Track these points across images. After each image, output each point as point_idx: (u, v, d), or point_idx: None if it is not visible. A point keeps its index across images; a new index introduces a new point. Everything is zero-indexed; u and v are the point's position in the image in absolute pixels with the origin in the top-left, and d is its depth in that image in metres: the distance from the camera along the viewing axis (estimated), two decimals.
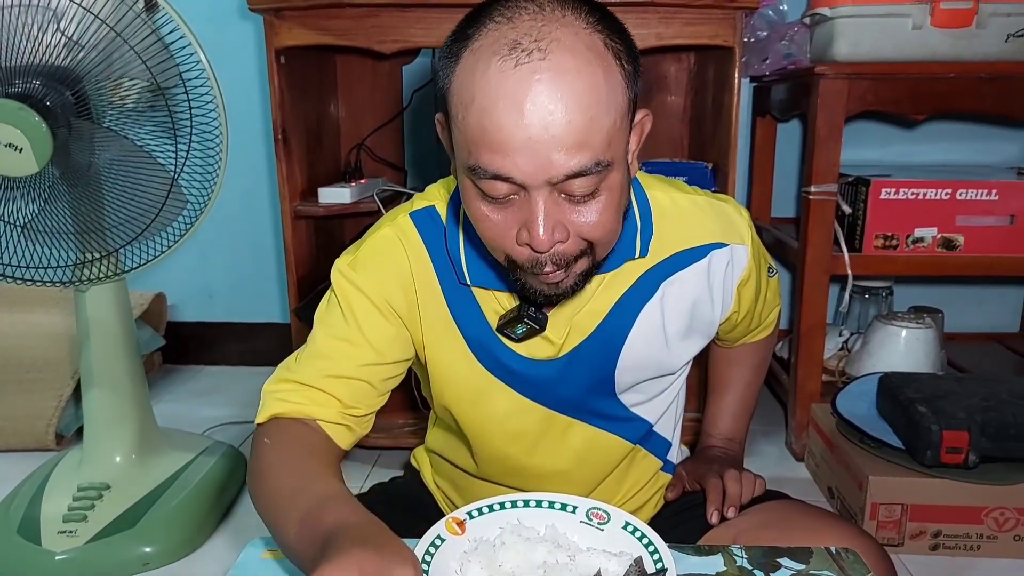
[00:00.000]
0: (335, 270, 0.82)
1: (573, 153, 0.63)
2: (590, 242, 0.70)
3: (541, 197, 0.65)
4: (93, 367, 1.44)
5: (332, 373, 0.79)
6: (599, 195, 0.67)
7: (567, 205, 0.67)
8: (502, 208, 0.68)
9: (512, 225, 0.68)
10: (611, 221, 0.69)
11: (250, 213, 2.26)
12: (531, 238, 0.66)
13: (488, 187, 0.66)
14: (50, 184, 1.22)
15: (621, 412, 0.89)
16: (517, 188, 0.65)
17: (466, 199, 0.70)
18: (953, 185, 1.60)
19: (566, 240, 0.68)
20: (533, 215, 0.65)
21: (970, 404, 1.36)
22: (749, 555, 0.75)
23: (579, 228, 0.68)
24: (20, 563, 1.33)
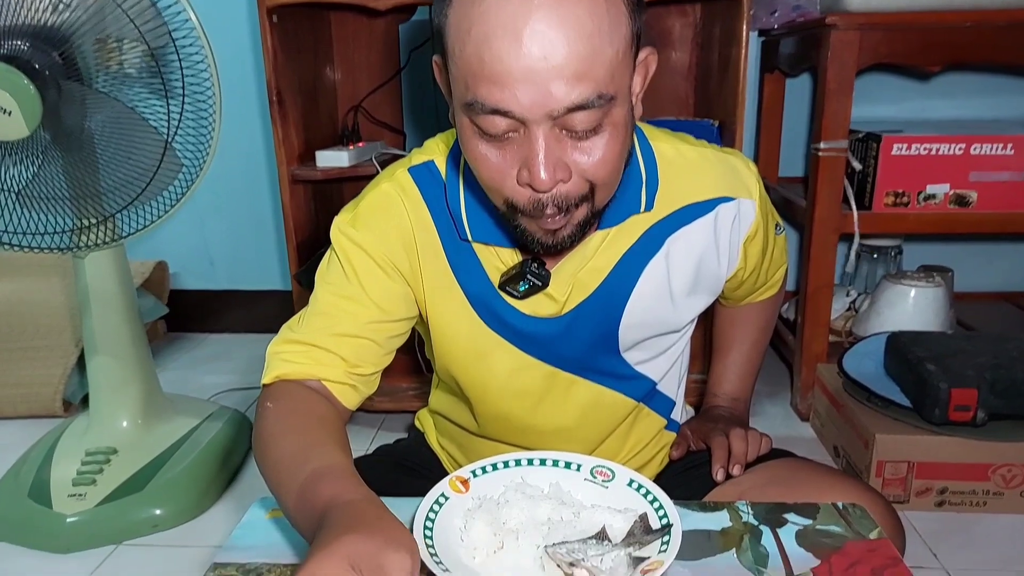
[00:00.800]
0: (335, 228, 0.81)
1: (574, 84, 0.60)
2: (592, 185, 0.67)
3: (542, 133, 0.62)
4: (95, 334, 1.44)
5: (336, 332, 0.78)
6: (602, 131, 0.64)
7: (569, 142, 0.64)
8: (501, 147, 0.65)
9: (512, 164, 0.65)
10: (615, 159, 0.67)
11: (248, 179, 2.24)
12: (531, 177, 0.64)
13: (486, 123, 0.63)
14: (43, 148, 1.21)
15: (625, 370, 0.88)
16: (517, 124, 0.63)
17: (464, 140, 0.68)
18: (967, 139, 1.56)
19: (568, 180, 0.65)
20: (533, 152, 0.63)
21: (979, 362, 1.35)
22: (755, 511, 0.74)
23: (582, 167, 0.65)
24: (32, 526, 1.35)
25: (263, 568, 0.67)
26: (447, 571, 0.62)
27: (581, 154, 0.65)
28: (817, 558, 0.67)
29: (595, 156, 0.65)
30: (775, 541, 0.70)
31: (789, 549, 0.68)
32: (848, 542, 0.70)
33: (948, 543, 1.31)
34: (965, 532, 1.34)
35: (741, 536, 0.70)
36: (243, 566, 0.68)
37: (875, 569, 0.66)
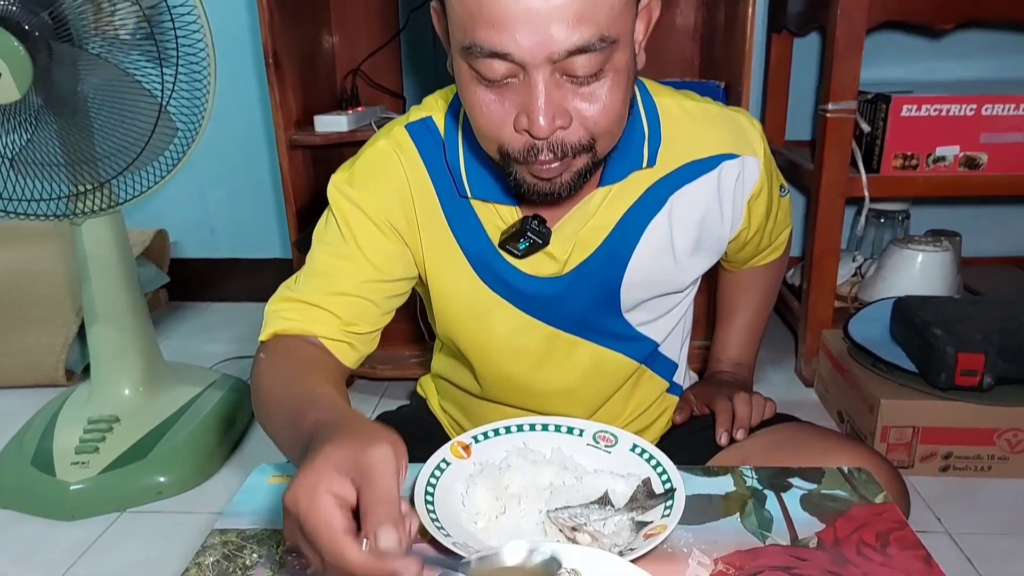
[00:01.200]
0: (331, 186, 0.79)
1: (575, 26, 0.58)
2: (592, 136, 0.65)
3: (541, 77, 0.60)
4: (95, 302, 1.43)
5: (331, 290, 0.77)
6: (604, 77, 0.62)
7: (570, 88, 0.62)
8: (500, 92, 0.63)
9: (510, 110, 0.63)
10: (618, 106, 0.65)
11: (247, 146, 2.22)
12: (530, 123, 0.62)
13: (485, 68, 0.61)
14: (35, 113, 1.18)
15: (627, 331, 0.87)
16: (516, 68, 0.61)
17: (462, 86, 0.66)
18: (978, 100, 1.53)
19: (568, 127, 0.64)
20: (533, 98, 0.61)
21: (987, 326, 1.34)
22: (759, 475, 0.74)
23: (582, 114, 0.64)
24: (36, 493, 1.35)
25: (264, 534, 0.67)
26: (448, 536, 0.62)
27: (582, 101, 0.63)
28: (822, 522, 0.67)
29: (597, 103, 0.63)
30: (779, 505, 0.69)
31: (794, 513, 0.68)
32: (853, 506, 0.69)
33: (952, 508, 1.31)
34: (969, 497, 1.34)
35: (745, 501, 0.70)
36: (243, 532, 0.68)
37: (880, 533, 0.66)
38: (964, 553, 1.20)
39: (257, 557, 0.64)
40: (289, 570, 0.63)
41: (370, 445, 0.49)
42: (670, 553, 0.63)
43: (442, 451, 0.72)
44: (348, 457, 0.48)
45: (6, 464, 1.41)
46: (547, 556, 0.53)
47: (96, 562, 1.25)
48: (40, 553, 1.27)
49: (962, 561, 1.18)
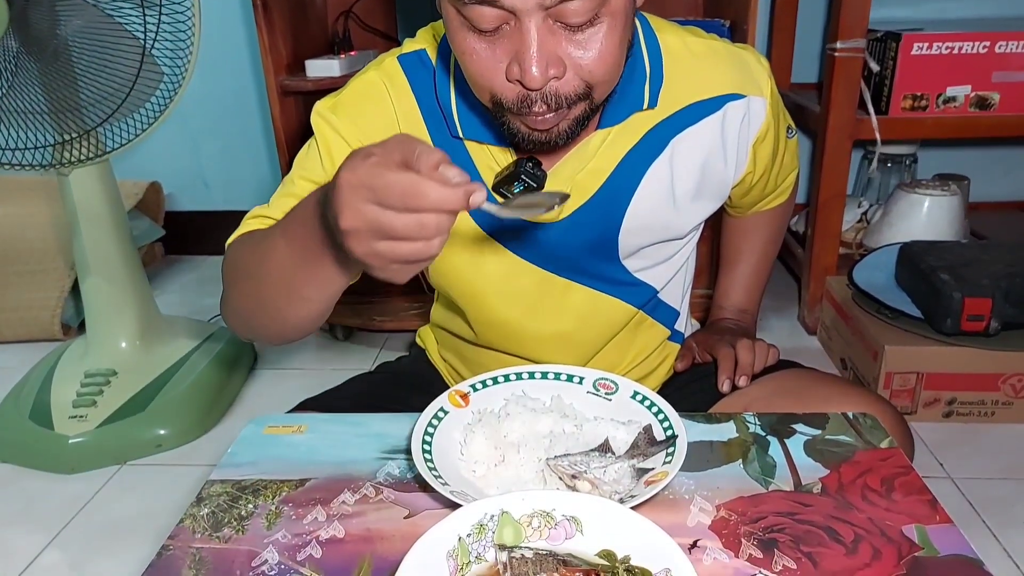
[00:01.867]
0: (315, 112, 0.77)
1: None
2: (588, 84, 0.62)
3: (534, 24, 0.57)
4: (87, 254, 1.41)
5: None
6: (600, 22, 0.59)
7: (564, 35, 0.59)
8: (491, 40, 0.60)
9: (501, 59, 0.60)
10: (614, 53, 0.61)
11: (238, 97, 2.17)
12: (522, 73, 0.59)
13: (474, 15, 0.58)
14: (14, 58, 1.14)
15: (624, 276, 0.85)
16: (507, 15, 0.58)
17: (451, 33, 0.63)
18: (992, 37, 1.48)
19: (562, 76, 0.61)
20: (525, 46, 0.58)
21: (994, 271, 1.32)
22: (762, 421, 0.73)
23: (577, 62, 0.61)
24: (35, 447, 1.36)
25: (259, 484, 0.67)
26: (446, 484, 0.61)
27: (577, 48, 0.60)
28: (826, 468, 0.66)
29: (592, 50, 0.60)
30: (783, 451, 0.68)
31: (797, 459, 0.67)
32: (858, 451, 0.68)
33: (955, 453, 1.31)
34: (972, 442, 1.34)
35: (748, 447, 0.69)
36: (238, 483, 0.67)
37: (885, 478, 0.65)
38: (967, 498, 1.20)
39: (252, 508, 0.64)
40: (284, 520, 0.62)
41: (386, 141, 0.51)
42: (672, 500, 0.62)
43: (440, 400, 0.71)
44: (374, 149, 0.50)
45: (4, 418, 1.42)
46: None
47: (97, 514, 1.26)
48: (40, 506, 1.28)
49: (964, 506, 1.19)
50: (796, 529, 0.59)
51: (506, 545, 0.54)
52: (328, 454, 0.70)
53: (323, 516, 0.62)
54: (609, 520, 0.55)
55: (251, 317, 0.71)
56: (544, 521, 0.56)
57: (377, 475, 0.67)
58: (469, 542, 0.54)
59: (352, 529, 0.60)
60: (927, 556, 0.56)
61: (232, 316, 0.75)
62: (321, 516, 0.62)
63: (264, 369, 1.69)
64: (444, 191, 0.48)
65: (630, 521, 0.54)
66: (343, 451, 0.70)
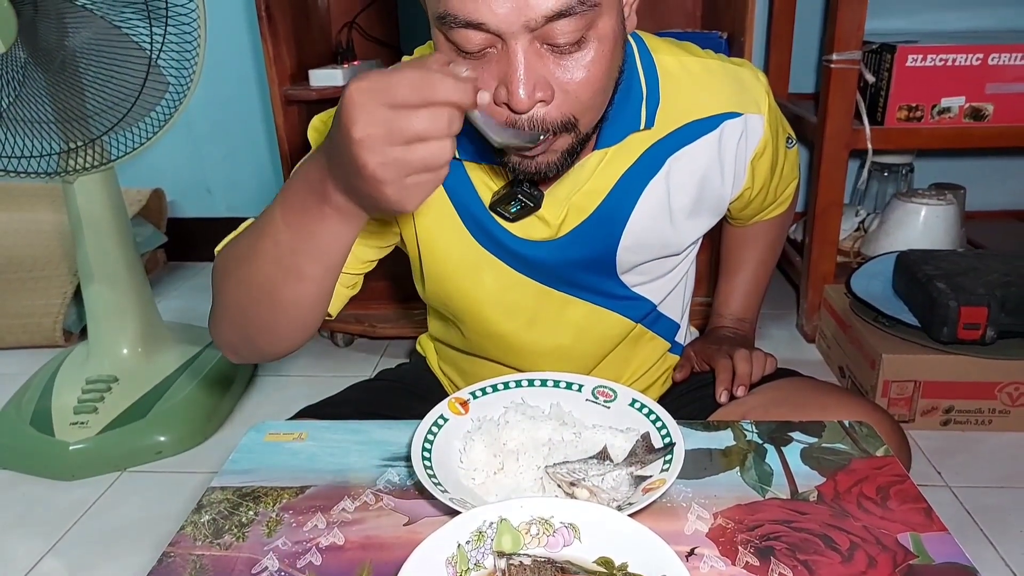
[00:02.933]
0: (311, 127, 0.77)
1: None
2: (574, 114, 0.63)
3: (520, 47, 0.57)
4: (90, 261, 1.42)
5: None
6: (587, 45, 0.59)
7: (551, 58, 0.59)
8: (478, 64, 0.60)
9: (489, 83, 0.60)
10: (601, 79, 0.62)
11: (242, 104, 2.19)
12: (509, 95, 0.59)
13: (461, 38, 0.58)
14: (21, 68, 1.15)
15: (622, 291, 0.85)
16: (493, 38, 0.58)
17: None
18: (985, 49, 1.49)
19: (549, 101, 0.61)
20: (512, 68, 0.58)
21: (990, 280, 1.33)
22: (759, 430, 0.73)
23: (564, 87, 0.61)
24: (35, 454, 1.36)
25: (259, 491, 0.67)
26: (445, 492, 0.61)
27: (564, 72, 0.60)
28: (822, 476, 0.66)
29: (579, 74, 0.60)
30: (779, 459, 0.69)
31: (794, 467, 0.67)
32: (854, 460, 0.68)
33: (952, 461, 1.32)
34: (969, 450, 1.35)
35: (745, 455, 0.69)
36: (239, 490, 0.67)
37: (881, 486, 0.65)
38: (964, 507, 1.21)
39: (253, 515, 0.64)
40: (284, 527, 0.62)
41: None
42: (669, 507, 0.63)
43: (439, 407, 0.71)
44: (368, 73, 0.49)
45: (5, 424, 1.42)
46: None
47: (97, 521, 1.26)
48: (41, 512, 1.28)
49: (962, 514, 1.19)
50: (792, 537, 0.59)
51: (505, 552, 0.54)
52: (328, 461, 0.70)
53: (323, 523, 0.62)
54: (607, 527, 0.55)
55: (243, 314, 0.68)
56: (542, 528, 0.57)
57: (377, 482, 0.67)
58: (468, 549, 0.54)
59: (352, 536, 0.61)
60: (922, 564, 0.56)
61: (222, 325, 0.72)
62: (321, 523, 0.62)
63: (264, 376, 1.70)
64: (456, 83, 0.48)
65: (628, 528, 0.54)
66: (343, 458, 0.71)
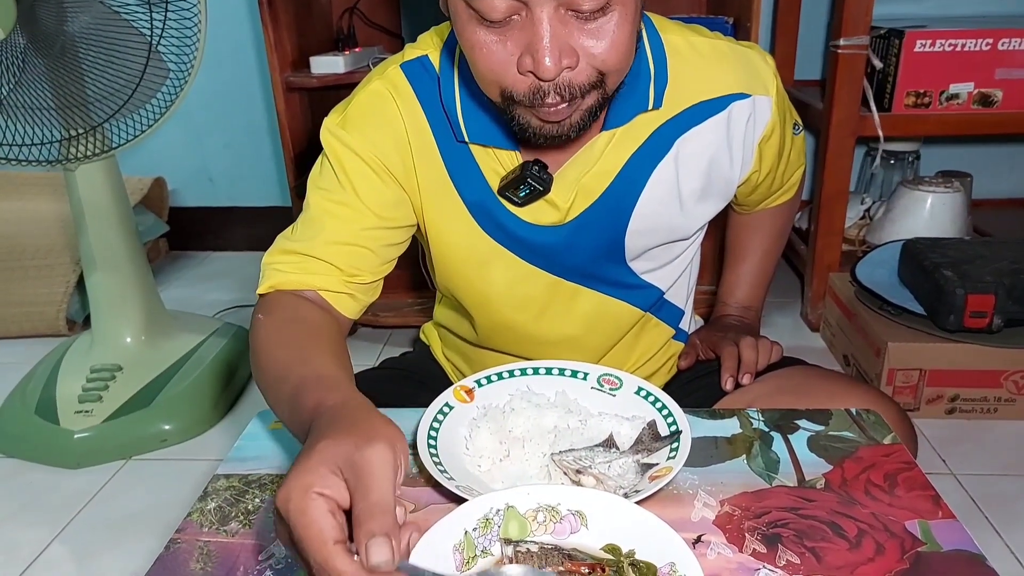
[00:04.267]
0: (324, 129, 0.76)
1: None
2: (602, 73, 0.62)
3: (546, 13, 0.57)
4: (92, 250, 1.42)
5: (330, 240, 0.74)
6: (611, 10, 0.59)
7: (575, 24, 0.59)
8: (501, 32, 0.60)
9: (513, 51, 0.60)
10: (625, 42, 0.61)
11: (243, 92, 2.18)
12: (536, 64, 0.59)
13: (484, 6, 0.58)
14: (21, 53, 1.15)
15: (631, 279, 0.85)
16: (518, 5, 0.58)
17: (459, 27, 0.62)
18: (995, 34, 1.48)
19: (575, 66, 0.60)
20: (538, 36, 0.58)
21: (997, 268, 1.33)
22: (766, 417, 0.73)
23: (590, 52, 0.60)
24: (40, 442, 1.37)
25: (265, 478, 0.67)
26: (451, 479, 0.61)
27: (589, 37, 0.60)
28: (829, 464, 0.66)
29: (604, 39, 0.60)
30: (786, 447, 0.69)
31: (801, 455, 0.67)
32: (861, 447, 0.69)
33: (957, 449, 1.32)
34: (974, 439, 1.35)
35: (751, 443, 0.69)
36: (245, 476, 0.68)
37: (888, 474, 0.65)
38: (969, 494, 1.21)
39: (259, 502, 0.64)
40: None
41: (367, 444, 0.46)
42: (676, 495, 0.63)
43: (445, 395, 0.71)
44: (343, 455, 0.46)
45: (10, 413, 1.42)
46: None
47: (102, 508, 1.27)
48: (46, 500, 1.29)
49: (967, 502, 1.19)
50: (799, 524, 0.59)
51: (512, 539, 0.54)
52: None
53: None
54: (614, 515, 0.55)
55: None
56: (549, 515, 0.57)
57: None
58: (475, 536, 0.54)
59: None
60: (930, 551, 0.56)
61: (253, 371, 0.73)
62: None
63: None
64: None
65: (635, 516, 0.54)
66: None
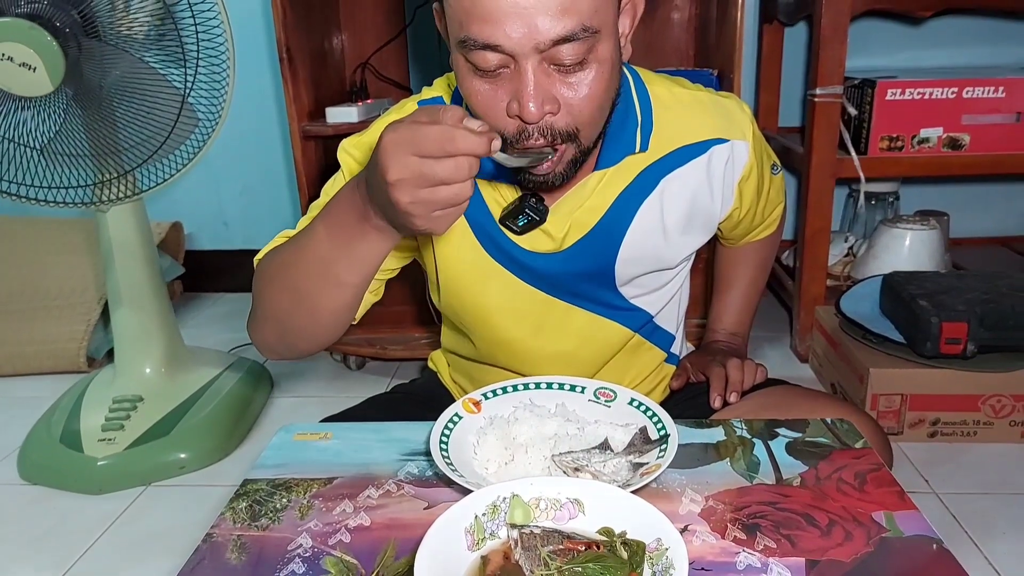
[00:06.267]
0: (342, 148, 0.86)
1: (559, 17, 0.64)
2: (577, 125, 0.71)
3: (531, 66, 0.67)
4: (119, 286, 1.49)
5: None
6: (589, 67, 0.68)
7: (557, 76, 0.68)
8: (493, 81, 0.69)
9: (503, 97, 0.70)
10: (601, 95, 0.71)
11: (260, 140, 2.26)
12: (521, 108, 0.68)
13: (479, 59, 0.67)
14: (64, 105, 1.24)
15: (620, 303, 0.92)
16: (507, 59, 0.67)
17: (460, 77, 0.72)
18: (959, 83, 1.58)
19: (556, 113, 0.70)
20: (523, 85, 0.67)
21: (970, 297, 1.39)
22: (748, 426, 0.79)
23: (568, 102, 0.70)
24: (65, 469, 1.42)
25: (291, 483, 0.73)
26: (462, 476, 0.67)
27: (568, 89, 0.69)
28: (805, 465, 0.72)
29: (582, 91, 0.69)
30: (767, 451, 0.74)
31: (779, 458, 0.73)
32: (835, 451, 0.74)
33: (939, 470, 1.36)
34: (955, 460, 1.40)
35: (735, 448, 0.75)
36: (272, 480, 0.73)
37: (859, 473, 0.71)
38: (950, 511, 1.26)
39: (286, 501, 0.70)
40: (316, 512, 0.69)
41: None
42: (665, 492, 0.68)
43: (455, 407, 0.78)
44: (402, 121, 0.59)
45: (37, 443, 1.48)
46: None
47: (123, 532, 1.31)
48: (71, 525, 1.33)
49: (948, 519, 1.24)
50: (777, 515, 0.65)
51: (517, 524, 0.61)
52: (353, 456, 0.76)
53: (351, 508, 0.68)
54: (607, 502, 0.61)
55: (284, 316, 0.78)
56: (550, 503, 0.62)
57: (398, 473, 0.73)
58: (484, 520, 0.60)
59: (377, 519, 0.66)
60: (893, 537, 0.62)
61: (262, 327, 0.82)
62: (349, 508, 0.68)
63: (281, 397, 1.76)
64: (472, 137, 0.57)
65: (626, 502, 0.60)
66: (366, 454, 0.76)
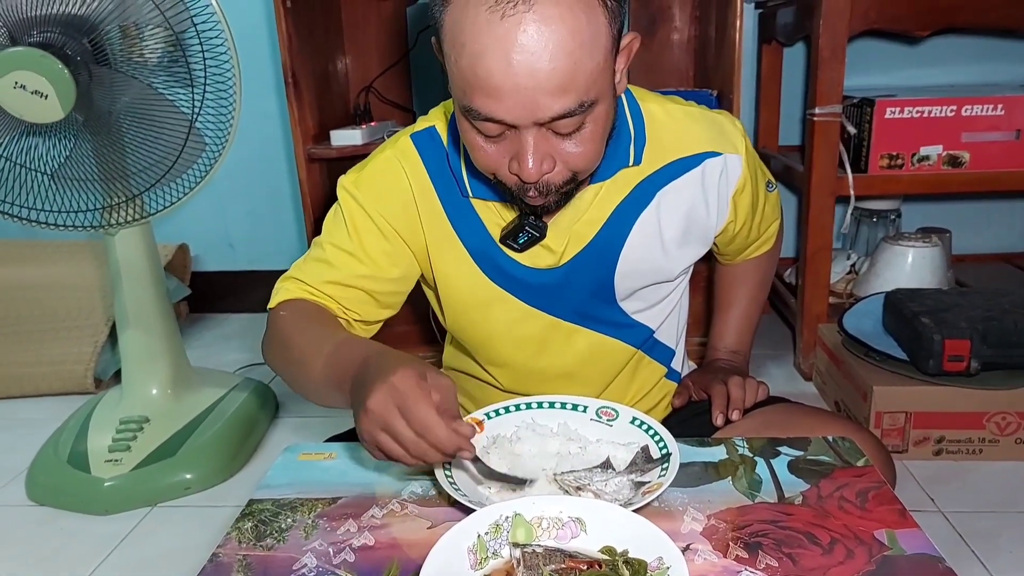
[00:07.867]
0: (340, 186, 0.88)
1: (558, 96, 0.66)
2: (574, 175, 0.75)
3: (530, 135, 0.70)
4: (126, 308, 1.51)
5: (332, 279, 0.86)
6: (584, 128, 0.71)
7: (554, 138, 0.71)
8: (495, 141, 0.72)
9: (504, 155, 0.73)
10: (597, 150, 0.74)
11: (266, 162, 2.29)
12: (520, 169, 0.71)
13: (482, 127, 0.71)
14: (75, 131, 1.27)
15: (622, 319, 0.93)
16: (508, 127, 0.70)
17: (462, 131, 0.75)
18: (958, 102, 1.60)
19: (552, 170, 0.73)
20: (523, 150, 0.70)
21: (972, 315, 1.39)
22: (750, 445, 0.80)
23: (565, 159, 0.73)
24: (72, 490, 1.43)
25: (296, 502, 0.73)
26: (465, 496, 0.68)
27: (565, 148, 0.72)
28: (807, 483, 0.72)
29: (578, 149, 0.72)
30: (768, 470, 0.75)
31: (781, 476, 0.74)
32: (837, 470, 0.75)
33: (945, 489, 1.36)
34: (961, 478, 1.39)
35: (737, 466, 0.76)
36: (277, 500, 0.74)
37: (860, 491, 0.71)
38: (956, 530, 1.25)
39: (291, 521, 0.71)
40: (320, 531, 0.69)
41: (431, 371, 0.67)
42: (667, 511, 0.69)
43: None
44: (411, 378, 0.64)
45: (44, 464, 1.49)
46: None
47: (129, 552, 1.32)
48: (77, 545, 1.34)
49: (954, 537, 1.23)
50: (779, 534, 0.65)
51: (519, 543, 0.61)
52: (357, 476, 0.77)
53: (355, 527, 0.69)
54: (609, 520, 0.61)
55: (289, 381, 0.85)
56: (552, 522, 0.63)
57: (402, 493, 0.74)
58: (487, 539, 0.61)
59: (381, 538, 0.67)
60: (895, 555, 0.62)
61: (271, 363, 0.87)
62: (353, 527, 0.69)
63: (286, 417, 1.77)
64: (448, 441, 0.63)
65: (627, 520, 0.61)
66: (370, 474, 0.78)
